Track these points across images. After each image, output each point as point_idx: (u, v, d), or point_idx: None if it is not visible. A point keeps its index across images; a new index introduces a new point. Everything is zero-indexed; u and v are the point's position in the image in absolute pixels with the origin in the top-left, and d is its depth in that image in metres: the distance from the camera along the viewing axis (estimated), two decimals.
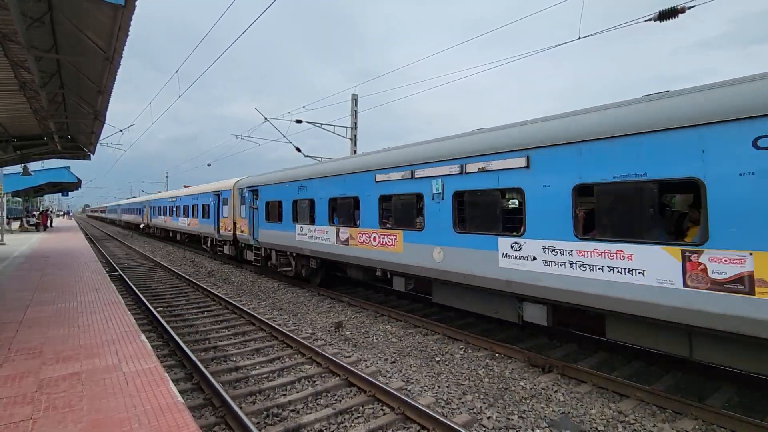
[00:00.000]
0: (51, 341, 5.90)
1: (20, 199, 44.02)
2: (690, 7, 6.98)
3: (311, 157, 17.33)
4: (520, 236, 6.55)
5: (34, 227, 35.10)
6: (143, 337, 6.17)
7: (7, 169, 25.10)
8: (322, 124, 18.65)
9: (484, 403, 5.66)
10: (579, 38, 9.06)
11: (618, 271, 5.36)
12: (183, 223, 26.05)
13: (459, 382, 6.36)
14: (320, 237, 11.63)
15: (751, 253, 4.37)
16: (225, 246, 19.44)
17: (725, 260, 4.53)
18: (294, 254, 13.37)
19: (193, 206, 23.78)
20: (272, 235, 14.55)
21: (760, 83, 4.55)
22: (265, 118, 17.81)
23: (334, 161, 12.33)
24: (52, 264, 13.70)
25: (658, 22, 7.37)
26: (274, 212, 14.50)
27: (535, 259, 6.30)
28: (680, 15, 7.10)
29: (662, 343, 5.40)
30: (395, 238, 8.93)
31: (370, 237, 9.66)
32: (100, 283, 10.41)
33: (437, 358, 7.36)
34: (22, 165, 22.26)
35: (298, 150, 17.53)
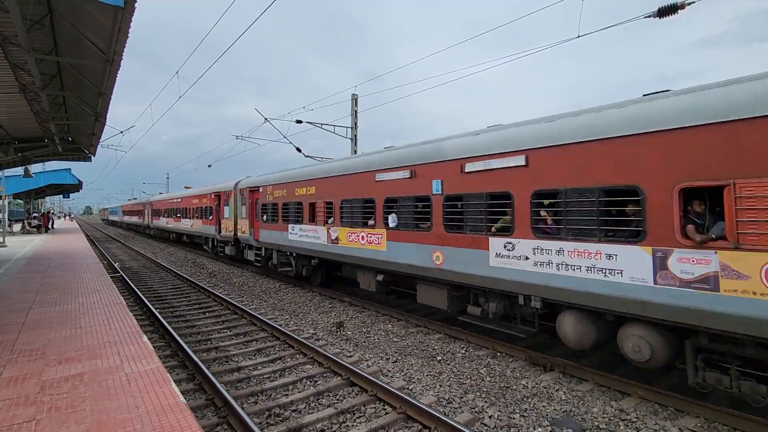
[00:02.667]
0: (53, 342, 5.92)
1: (21, 201, 44.13)
2: (689, 3, 6.97)
3: (312, 157, 17.33)
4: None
5: (35, 229, 35.18)
6: (145, 338, 6.18)
7: (8, 171, 25.17)
8: (322, 124, 18.65)
9: (485, 402, 5.66)
10: (578, 36, 9.05)
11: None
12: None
13: (460, 381, 6.37)
14: None
15: None
16: None
17: None
18: None
19: None
20: None
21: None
22: (265, 119, 17.81)
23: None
24: (54, 266, 13.73)
25: (658, 18, 7.36)
26: None
27: None
28: (680, 11, 7.09)
29: None
30: None
31: None
32: (101, 284, 10.44)
33: (439, 358, 7.36)
34: (23, 167, 22.33)
35: (299, 150, 17.54)
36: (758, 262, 4.44)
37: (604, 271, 5.66)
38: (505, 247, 6.90)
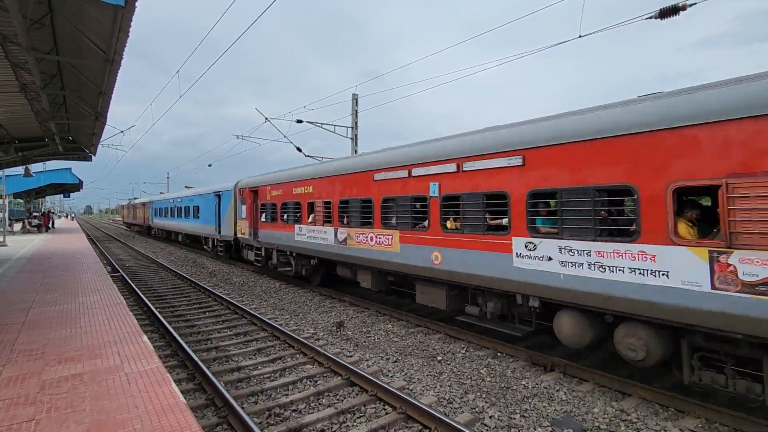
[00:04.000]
0: (53, 342, 5.92)
1: (22, 201, 44.10)
2: (691, 5, 6.96)
3: (312, 156, 17.33)
4: None
5: (36, 229, 35.17)
6: (145, 337, 6.17)
7: (8, 171, 25.16)
8: (322, 124, 18.63)
9: (486, 402, 5.65)
10: (580, 36, 9.04)
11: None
12: None
13: (461, 382, 6.36)
14: None
15: None
16: None
17: None
18: None
19: None
20: None
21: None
22: (266, 118, 17.80)
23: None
24: (54, 265, 13.73)
25: (659, 20, 7.34)
26: None
27: None
28: (681, 12, 7.07)
29: None
30: None
31: None
32: (101, 284, 10.43)
33: (439, 358, 7.36)
34: (24, 167, 22.33)
35: (299, 150, 17.53)
36: None
37: None
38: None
